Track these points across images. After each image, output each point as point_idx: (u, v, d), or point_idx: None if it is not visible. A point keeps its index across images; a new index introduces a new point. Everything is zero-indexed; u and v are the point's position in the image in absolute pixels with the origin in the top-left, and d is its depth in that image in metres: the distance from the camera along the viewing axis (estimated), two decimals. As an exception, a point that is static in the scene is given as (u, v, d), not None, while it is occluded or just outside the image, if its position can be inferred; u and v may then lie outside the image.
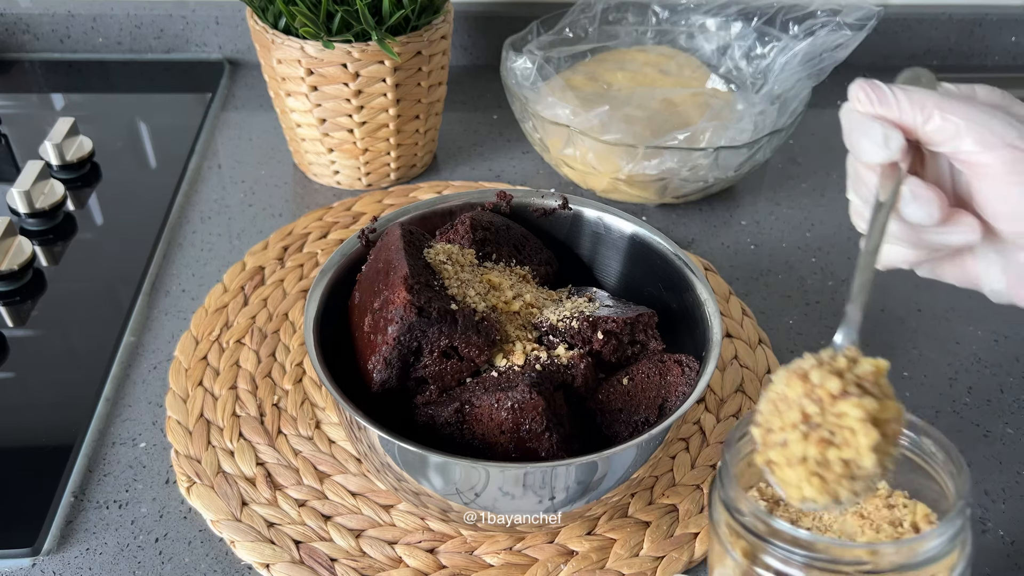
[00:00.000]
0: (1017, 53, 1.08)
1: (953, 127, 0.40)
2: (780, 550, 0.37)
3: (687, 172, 0.76)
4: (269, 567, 0.53)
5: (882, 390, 0.37)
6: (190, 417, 0.61)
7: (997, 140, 0.39)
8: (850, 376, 0.36)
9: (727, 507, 0.40)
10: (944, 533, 0.37)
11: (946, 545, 0.37)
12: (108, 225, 0.79)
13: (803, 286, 0.75)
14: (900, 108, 0.41)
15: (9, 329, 0.68)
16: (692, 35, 0.93)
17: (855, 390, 0.36)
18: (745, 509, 0.39)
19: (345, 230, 0.78)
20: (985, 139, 0.39)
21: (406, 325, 0.49)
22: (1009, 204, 0.40)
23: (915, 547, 0.37)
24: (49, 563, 0.53)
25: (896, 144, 0.41)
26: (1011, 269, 0.44)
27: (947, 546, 0.37)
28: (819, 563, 0.37)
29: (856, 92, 0.42)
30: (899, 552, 0.37)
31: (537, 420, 0.48)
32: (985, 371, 0.67)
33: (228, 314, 0.69)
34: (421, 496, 0.50)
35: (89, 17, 1.00)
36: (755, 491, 0.46)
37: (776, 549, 0.38)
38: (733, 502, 0.40)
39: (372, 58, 0.74)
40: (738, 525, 0.39)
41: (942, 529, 0.37)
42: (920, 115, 0.40)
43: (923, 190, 0.41)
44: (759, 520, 0.38)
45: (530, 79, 0.83)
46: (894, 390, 0.37)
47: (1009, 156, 0.39)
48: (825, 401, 0.36)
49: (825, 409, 0.36)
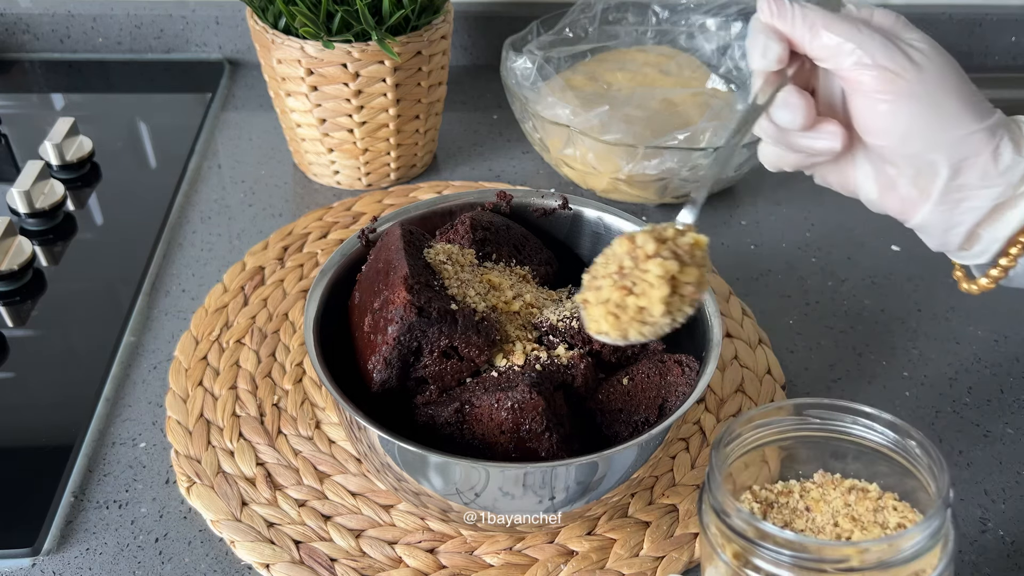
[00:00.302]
0: (1017, 53, 1.08)
1: (836, 44, 0.44)
2: (768, 552, 0.38)
3: (687, 172, 0.76)
4: (269, 567, 0.53)
5: (695, 260, 0.44)
6: (190, 417, 0.61)
7: (870, 60, 0.43)
8: (671, 244, 0.43)
9: (715, 511, 0.40)
10: (924, 530, 0.37)
11: (927, 542, 0.38)
12: (108, 225, 0.79)
13: (803, 286, 0.75)
14: (793, 23, 0.44)
15: (9, 329, 0.68)
16: (692, 35, 0.93)
17: (668, 254, 0.43)
18: (732, 512, 0.39)
19: (345, 230, 0.78)
20: (860, 59, 0.43)
21: (406, 325, 0.49)
22: (876, 119, 0.44)
23: (896, 544, 0.37)
24: (49, 563, 0.53)
25: (774, 55, 0.45)
26: (881, 179, 0.47)
27: (928, 543, 0.38)
28: (806, 563, 0.37)
29: (762, 2, 0.45)
30: (880, 549, 0.37)
31: (537, 420, 0.48)
32: (985, 371, 0.67)
33: (228, 314, 0.69)
34: (421, 496, 0.50)
35: (89, 17, 1.00)
36: (749, 494, 0.46)
37: (765, 551, 0.38)
38: (721, 505, 0.40)
39: (372, 58, 0.74)
40: (727, 528, 0.40)
41: (922, 526, 0.37)
42: (808, 32, 0.44)
43: (793, 97, 0.45)
44: (747, 523, 0.39)
45: (530, 79, 0.83)
46: (711, 265, 0.43)
47: (880, 75, 0.43)
48: (639, 259, 0.43)
49: (637, 265, 0.43)
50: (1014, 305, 0.73)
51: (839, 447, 0.46)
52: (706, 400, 0.64)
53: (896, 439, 0.44)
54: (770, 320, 0.71)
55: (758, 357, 0.67)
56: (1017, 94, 1.05)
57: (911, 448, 0.43)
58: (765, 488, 0.46)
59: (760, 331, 0.69)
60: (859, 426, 0.45)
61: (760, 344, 0.68)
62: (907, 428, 0.43)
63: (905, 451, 0.43)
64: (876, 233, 0.80)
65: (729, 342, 0.68)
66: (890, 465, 0.44)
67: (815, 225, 0.82)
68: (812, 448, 0.46)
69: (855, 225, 0.81)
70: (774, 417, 0.46)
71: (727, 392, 0.64)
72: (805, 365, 0.68)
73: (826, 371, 0.67)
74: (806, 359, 0.68)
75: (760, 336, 0.69)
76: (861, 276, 0.76)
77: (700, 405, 0.63)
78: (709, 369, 0.50)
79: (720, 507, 0.40)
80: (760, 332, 0.69)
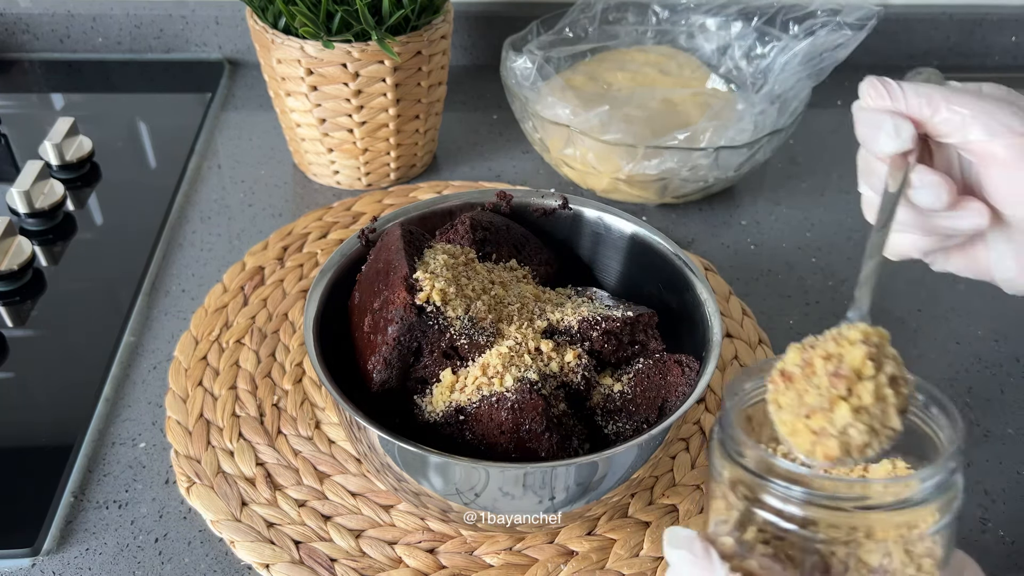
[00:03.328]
0: (1017, 53, 1.08)
1: (960, 118, 0.42)
2: (779, 487, 0.37)
3: (687, 172, 0.76)
4: (269, 567, 0.53)
5: (889, 354, 0.39)
6: (190, 417, 0.61)
7: (1003, 128, 0.41)
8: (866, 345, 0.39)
9: (726, 448, 0.40)
10: (934, 476, 0.37)
11: (933, 490, 0.37)
12: (108, 225, 0.79)
13: (803, 286, 0.75)
14: (907, 102, 0.43)
15: (9, 329, 0.68)
16: (692, 35, 0.93)
17: (875, 352, 0.38)
18: (744, 449, 0.39)
19: (345, 230, 0.78)
20: (991, 128, 0.41)
21: (406, 325, 0.49)
22: (1017, 189, 0.42)
23: (909, 484, 0.37)
24: (49, 563, 0.53)
25: (907, 133, 0.42)
26: (1022, 256, 0.45)
27: (934, 491, 0.37)
28: (818, 500, 0.37)
29: (866, 88, 0.44)
30: (895, 488, 0.37)
31: (537, 420, 0.48)
32: (985, 371, 0.67)
33: (228, 314, 0.69)
34: (421, 496, 0.50)
35: (89, 17, 1.00)
36: None
37: (776, 487, 0.37)
38: (733, 442, 0.39)
39: (372, 58, 0.74)
40: (737, 466, 0.39)
41: (932, 471, 0.37)
42: (928, 108, 0.42)
43: (931, 176, 0.42)
44: (760, 461, 0.38)
45: (530, 79, 0.83)
46: None
47: (1015, 143, 0.41)
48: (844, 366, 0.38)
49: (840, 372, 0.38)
50: (1014, 305, 0.73)
51: None
52: (706, 400, 0.64)
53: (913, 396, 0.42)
54: (770, 320, 0.71)
55: (758, 357, 0.67)
56: (1017, 94, 1.05)
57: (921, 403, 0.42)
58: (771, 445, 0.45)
59: (760, 331, 0.69)
60: None
61: (760, 344, 0.68)
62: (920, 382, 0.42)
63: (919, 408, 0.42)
64: (876, 233, 0.80)
65: (729, 342, 0.68)
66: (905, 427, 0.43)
67: (815, 225, 0.82)
68: None
69: (855, 225, 0.81)
70: None
71: (727, 392, 0.64)
72: (805, 365, 0.67)
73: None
74: (806, 359, 0.68)
75: (760, 336, 0.69)
76: (861, 276, 0.76)
77: (700, 405, 0.63)
78: (709, 369, 0.50)
79: (733, 444, 0.39)
80: (760, 332, 0.69)
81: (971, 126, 0.42)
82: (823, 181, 0.87)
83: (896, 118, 0.43)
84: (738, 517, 0.39)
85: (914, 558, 0.37)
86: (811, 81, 0.82)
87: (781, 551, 0.38)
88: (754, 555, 0.39)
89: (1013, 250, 0.45)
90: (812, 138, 0.92)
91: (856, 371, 0.38)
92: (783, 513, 0.37)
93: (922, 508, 0.37)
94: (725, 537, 0.40)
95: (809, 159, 0.91)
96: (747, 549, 0.39)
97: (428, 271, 0.52)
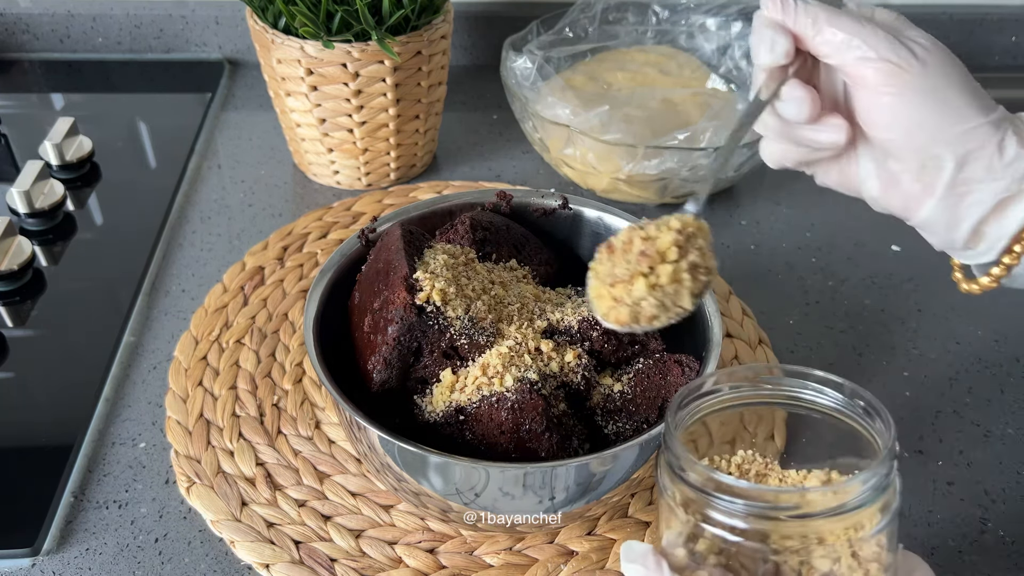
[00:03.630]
0: (1017, 53, 1.08)
1: (838, 40, 0.44)
2: (723, 502, 0.38)
3: (687, 172, 0.76)
4: (269, 567, 0.53)
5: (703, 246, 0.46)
6: (190, 417, 0.61)
7: (874, 54, 0.43)
8: (682, 230, 0.45)
9: (671, 467, 0.41)
10: (869, 479, 0.38)
11: (871, 493, 0.38)
12: (108, 225, 0.79)
13: (803, 286, 0.75)
14: (796, 19, 0.45)
15: (9, 329, 0.68)
16: (692, 35, 0.93)
17: (681, 239, 0.45)
18: (687, 467, 0.40)
19: (345, 230, 0.78)
20: (864, 52, 0.44)
21: (406, 325, 0.49)
22: (881, 113, 0.45)
23: (846, 490, 0.38)
24: (49, 563, 0.53)
25: (781, 49, 0.45)
26: (884, 176, 0.48)
27: (872, 494, 0.38)
28: (758, 511, 0.38)
29: (767, 0, 0.46)
30: (825, 496, 0.38)
31: (537, 420, 0.48)
32: (985, 371, 0.67)
33: (228, 314, 0.69)
34: (421, 496, 0.50)
35: (89, 17, 1.00)
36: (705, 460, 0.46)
37: (719, 502, 0.39)
38: (677, 460, 0.40)
39: (372, 58, 0.74)
40: (683, 484, 0.40)
41: (868, 475, 0.38)
42: (812, 28, 0.45)
43: (798, 91, 0.45)
44: (700, 475, 0.39)
45: (530, 79, 0.83)
46: None
47: (884, 68, 0.43)
48: (651, 244, 0.45)
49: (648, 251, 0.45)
50: (1014, 305, 0.73)
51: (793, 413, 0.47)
52: (706, 400, 0.64)
53: (846, 401, 0.44)
54: (770, 320, 0.71)
55: (758, 357, 0.67)
56: (1017, 94, 1.05)
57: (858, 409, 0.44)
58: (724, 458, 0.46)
59: (760, 331, 0.69)
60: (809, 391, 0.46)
61: (760, 344, 0.68)
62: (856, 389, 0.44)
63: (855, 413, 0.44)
64: (876, 233, 0.80)
65: (729, 342, 0.68)
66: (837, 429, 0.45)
67: (815, 225, 0.82)
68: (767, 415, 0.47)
69: (855, 225, 0.81)
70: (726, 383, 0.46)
71: (727, 392, 0.64)
72: (805, 365, 0.68)
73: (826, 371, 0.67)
74: (806, 359, 0.68)
75: (760, 336, 0.69)
76: (861, 276, 0.76)
77: (700, 405, 0.63)
78: (709, 369, 0.50)
79: (676, 462, 0.40)
80: (760, 332, 0.69)
81: (846, 49, 0.44)
82: (823, 181, 0.87)
83: (777, 33, 0.45)
84: (689, 531, 0.40)
85: (862, 563, 0.39)
86: (811, 81, 0.81)
87: (734, 560, 0.39)
88: (706, 566, 0.40)
89: (876, 170, 0.48)
90: (812, 138, 0.92)
91: (661, 253, 0.44)
92: (728, 526, 0.39)
93: (863, 511, 0.38)
94: (678, 549, 0.41)
95: (809, 159, 0.90)
96: (700, 560, 0.40)
97: (428, 271, 0.52)
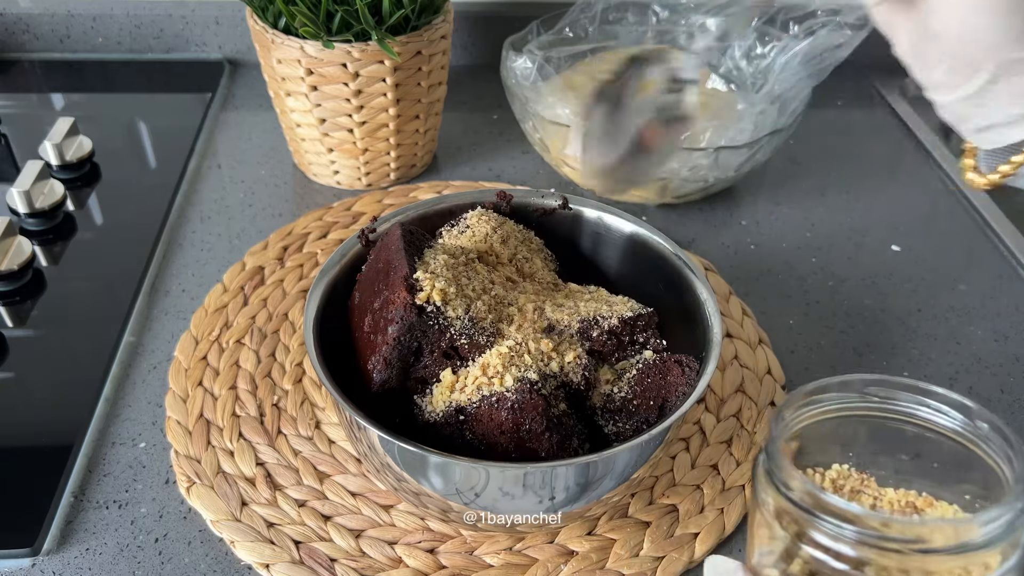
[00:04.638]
0: None
1: None
2: (830, 525, 0.36)
3: (687, 172, 0.76)
4: (269, 567, 0.53)
5: None
6: (190, 417, 0.61)
7: None
8: None
9: (774, 481, 0.38)
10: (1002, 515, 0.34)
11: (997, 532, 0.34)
12: (108, 225, 0.79)
13: (803, 286, 0.75)
14: None
15: (9, 329, 0.68)
16: (692, 35, 0.93)
17: None
18: (793, 484, 0.37)
19: (345, 230, 0.78)
20: None
21: (406, 325, 0.49)
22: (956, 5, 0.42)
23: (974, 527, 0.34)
24: (49, 563, 0.53)
25: None
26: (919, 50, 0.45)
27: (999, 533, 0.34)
28: (871, 539, 0.35)
29: None
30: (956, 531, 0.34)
31: (537, 420, 0.48)
32: (985, 371, 0.67)
33: (228, 314, 0.69)
34: (421, 496, 0.50)
35: (89, 17, 1.00)
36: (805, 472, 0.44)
37: (825, 524, 0.36)
38: (781, 476, 0.38)
39: (372, 58, 0.74)
40: (785, 500, 0.37)
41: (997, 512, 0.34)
42: None
43: None
44: (808, 494, 0.37)
45: (530, 79, 0.83)
46: None
47: None
48: None
49: None
50: (1014, 305, 0.73)
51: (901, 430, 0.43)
52: (706, 400, 0.64)
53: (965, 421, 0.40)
54: (770, 320, 0.71)
55: (758, 357, 0.67)
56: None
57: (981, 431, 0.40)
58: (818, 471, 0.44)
59: (760, 331, 0.69)
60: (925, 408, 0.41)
61: (760, 344, 0.68)
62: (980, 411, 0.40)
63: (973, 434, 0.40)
64: (876, 233, 0.80)
65: (729, 342, 0.68)
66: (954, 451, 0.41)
67: (815, 225, 0.82)
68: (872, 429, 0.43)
69: (855, 225, 0.81)
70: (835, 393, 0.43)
71: (727, 392, 0.64)
72: (805, 365, 0.68)
73: (826, 371, 0.67)
74: (806, 359, 0.68)
75: (760, 336, 0.69)
76: (861, 276, 0.76)
77: (700, 405, 0.63)
78: (709, 369, 0.50)
79: (781, 478, 0.38)
80: (760, 332, 0.69)
81: None
82: (823, 181, 0.87)
83: None
84: (783, 548, 0.38)
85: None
86: (811, 81, 0.82)
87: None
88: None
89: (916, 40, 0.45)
90: (812, 138, 0.92)
91: None
92: (832, 551, 0.36)
93: (984, 552, 0.34)
94: (770, 569, 0.39)
95: (809, 159, 0.91)
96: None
97: (428, 271, 0.52)
